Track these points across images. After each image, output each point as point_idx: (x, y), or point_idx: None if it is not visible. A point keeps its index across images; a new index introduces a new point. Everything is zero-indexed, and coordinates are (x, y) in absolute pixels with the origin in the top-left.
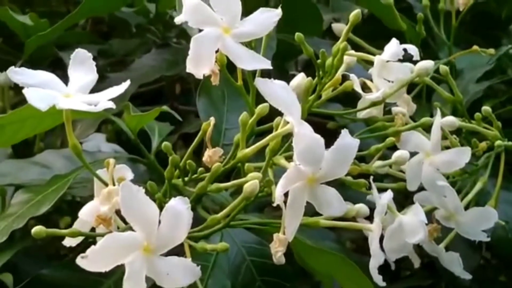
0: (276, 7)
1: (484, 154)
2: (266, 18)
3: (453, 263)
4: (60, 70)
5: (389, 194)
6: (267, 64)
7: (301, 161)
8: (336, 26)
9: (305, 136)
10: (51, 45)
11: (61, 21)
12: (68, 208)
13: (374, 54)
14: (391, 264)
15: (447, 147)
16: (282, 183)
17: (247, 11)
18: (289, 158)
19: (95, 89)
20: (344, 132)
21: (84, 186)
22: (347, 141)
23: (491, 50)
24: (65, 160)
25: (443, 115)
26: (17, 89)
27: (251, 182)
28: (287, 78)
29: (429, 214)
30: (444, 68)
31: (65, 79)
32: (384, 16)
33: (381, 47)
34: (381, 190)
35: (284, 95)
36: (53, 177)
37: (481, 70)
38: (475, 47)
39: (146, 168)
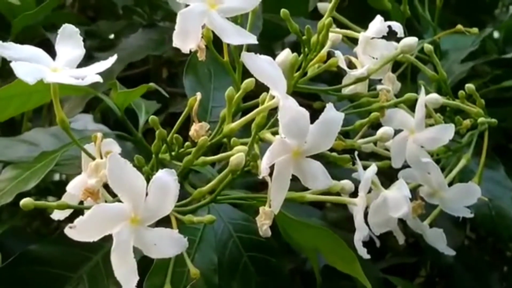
0: None
1: (468, 132)
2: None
3: (438, 239)
4: (47, 51)
5: (373, 168)
6: (253, 39)
7: (286, 134)
8: (321, 5)
9: (290, 109)
10: (38, 26)
11: (48, 0)
12: (55, 189)
13: (359, 33)
14: (375, 240)
15: (432, 125)
16: (267, 156)
17: None
18: (275, 134)
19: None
20: (329, 106)
21: (71, 163)
22: (332, 115)
23: (475, 30)
24: (52, 138)
25: (428, 92)
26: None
27: (237, 155)
28: (274, 58)
29: (413, 191)
30: (428, 47)
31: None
32: None
33: (366, 28)
34: (366, 168)
35: (270, 69)
36: (41, 153)
37: (466, 51)
38: (459, 26)
39: (133, 146)
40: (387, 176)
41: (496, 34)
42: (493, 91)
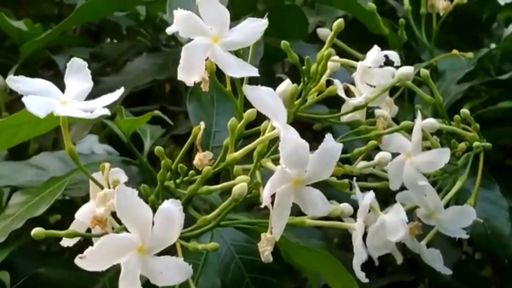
0: (264, 11)
1: (463, 154)
2: (254, 28)
3: (434, 259)
4: (52, 70)
5: (371, 195)
6: (254, 72)
7: (287, 165)
8: (321, 31)
9: (291, 140)
10: (44, 48)
11: (55, 27)
12: (62, 207)
13: (357, 58)
14: (374, 260)
15: (428, 148)
16: (269, 186)
17: (235, 14)
18: (276, 161)
19: (90, 93)
20: (328, 136)
21: (78, 187)
22: (331, 145)
23: (470, 54)
24: (60, 162)
25: (425, 116)
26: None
27: (240, 185)
28: (274, 80)
29: (411, 212)
30: (424, 72)
31: (56, 78)
32: (367, 21)
33: (366, 49)
34: (365, 189)
35: (270, 101)
36: (49, 179)
37: (462, 72)
38: (454, 51)
39: (139, 170)
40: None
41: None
42: (491, 111)
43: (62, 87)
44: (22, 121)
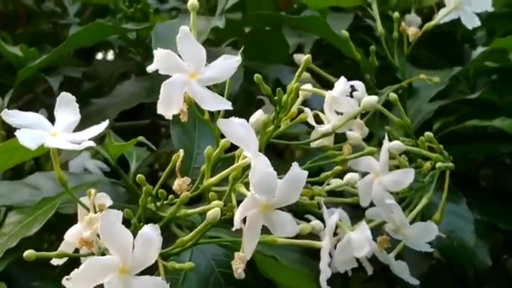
0: (247, 35)
1: (429, 172)
2: (228, 65)
3: (402, 270)
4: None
5: (337, 216)
6: (228, 106)
7: (256, 191)
8: (296, 56)
9: (260, 170)
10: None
11: (49, 54)
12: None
13: (330, 81)
14: (348, 271)
15: (397, 166)
16: (240, 210)
17: (218, 39)
18: (248, 185)
19: (81, 113)
20: (294, 165)
21: (69, 206)
22: (297, 173)
23: (436, 79)
24: (53, 182)
25: (395, 136)
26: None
27: (213, 210)
28: (254, 101)
29: (380, 227)
30: (393, 96)
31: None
32: (341, 46)
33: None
34: (339, 204)
35: (242, 132)
36: (42, 199)
37: (434, 90)
38: (422, 75)
39: (125, 190)
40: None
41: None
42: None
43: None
44: (16, 146)
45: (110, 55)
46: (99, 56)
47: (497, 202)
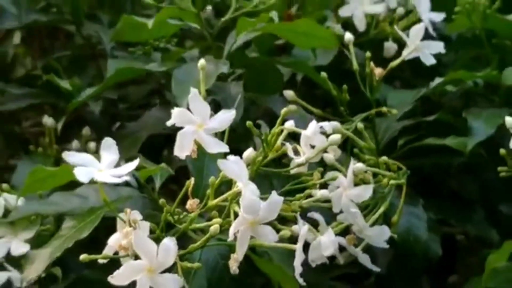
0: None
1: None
2: (226, 117)
3: (366, 260)
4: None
5: (306, 227)
6: (225, 148)
7: (245, 212)
8: (286, 93)
9: (247, 197)
10: None
11: (94, 90)
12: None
13: (318, 115)
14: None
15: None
16: (233, 226)
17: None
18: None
19: (117, 135)
20: (273, 193)
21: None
22: (275, 198)
23: (395, 111)
24: (97, 194)
25: (362, 158)
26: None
27: (214, 226)
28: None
29: (349, 228)
30: (360, 126)
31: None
32: (322, 83)
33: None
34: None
35: (235, 168)
36: (90, 208)
37: (402, 110)
38: (384, 108)
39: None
40: None
41: None
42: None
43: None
44: (67, 171)
45: None
46: None
47: (450, 203)
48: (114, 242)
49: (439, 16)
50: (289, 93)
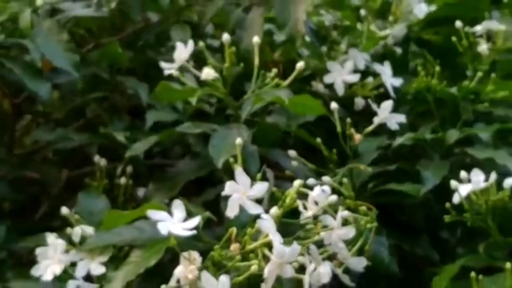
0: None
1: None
2: (262, 187)
3: (346, 279)
4: None
5: (313, 265)
6: (260, 210)
7: (275, 257)
8: (290, 152)
9: (278, 246)
10: None
11: (146, 143)
12: None
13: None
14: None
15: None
16: (267, 267)
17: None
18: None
19: (159, 177)
20: (294, 243)
21: None
22: (295, 247)
23: (368, 168)
24: (152, 227)
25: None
26: None
27: (253, 266)
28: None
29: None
30: (344, 180)
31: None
32: (313, 143)
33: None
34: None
35: (268, 224)
36: (155, 241)
37: (371, 156)
38: (358, 165)
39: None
40: None
41: None
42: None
43: None
44: (134, 214)
45: None
46: None
47: (403, 231)
48: (179, 273)
49: (398, 81)
50: (292, 153)
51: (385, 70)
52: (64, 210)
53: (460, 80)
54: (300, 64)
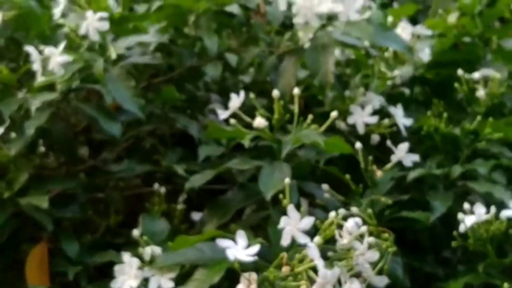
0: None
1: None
2: (309, 221)
3: None
4: None
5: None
6: (307, 240)
7: (321, 279)
8: (324, 186)
9: (322, 269)
10: None
11: (205, 177)
12: None
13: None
14: None
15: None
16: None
17: None
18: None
19: (212, 204)
20: (336, 267)
21: None
22: (336, 270)
23: (389, 200)
24: (210, 249)
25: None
26: None
27: (302, 287)
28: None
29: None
30: (369, 211)
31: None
32: (343, 178)
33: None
34: None
35: (314, 251)
36: (216, 261)
37: (387, 186)
38: (382, 198)
39: None
40: None
41: None
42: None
43: None
44: (195, 240)
45: None
46: None
47: (413, 250)
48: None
49: (409, 121)
50: (325, 186)
51: (397, 112)
52: (135, 232)
53: (458, 112)
54: (334, 114)
